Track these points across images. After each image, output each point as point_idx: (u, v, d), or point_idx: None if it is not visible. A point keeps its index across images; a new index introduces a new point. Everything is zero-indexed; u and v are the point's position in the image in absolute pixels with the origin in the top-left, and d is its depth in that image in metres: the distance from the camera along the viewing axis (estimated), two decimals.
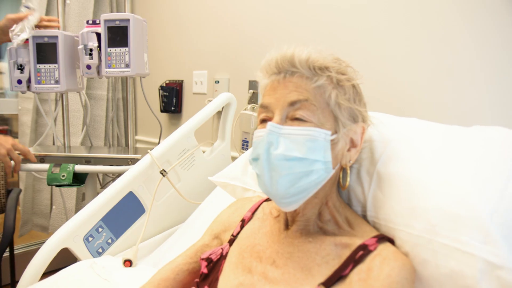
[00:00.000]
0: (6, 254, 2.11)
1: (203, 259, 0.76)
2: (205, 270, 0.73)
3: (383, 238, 0.67)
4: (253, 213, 0.81)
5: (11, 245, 1.98)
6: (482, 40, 1.07)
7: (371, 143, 0.81)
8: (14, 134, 2.80)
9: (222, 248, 0.76)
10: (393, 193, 0.72)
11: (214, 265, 0.74)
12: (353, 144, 0.70)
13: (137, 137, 2.53)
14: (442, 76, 1.15)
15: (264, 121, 0.68)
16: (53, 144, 2.11)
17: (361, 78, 0.70)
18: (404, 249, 0.68)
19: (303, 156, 0.62)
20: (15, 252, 2.20)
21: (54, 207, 2.29)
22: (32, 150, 1.62)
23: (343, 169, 0.72)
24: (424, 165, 0.72)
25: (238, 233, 0.78)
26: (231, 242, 0.77)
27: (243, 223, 0.79)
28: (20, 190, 2.12)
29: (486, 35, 1.06)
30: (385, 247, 0.65)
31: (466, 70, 1.10)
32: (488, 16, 1.05)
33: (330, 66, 0.66)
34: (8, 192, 2.01)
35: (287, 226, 0.72)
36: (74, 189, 2.20)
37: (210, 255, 0.76)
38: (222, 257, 0.75)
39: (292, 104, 0.64)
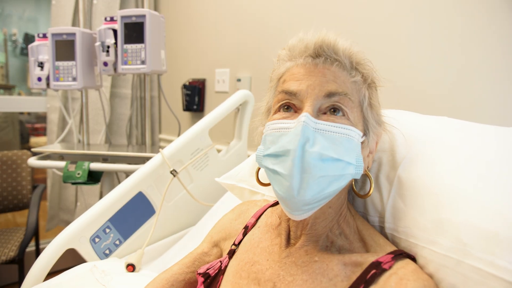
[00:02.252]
0: (32, 248, 2.17)
1: (200, 273, 0.68)
2: (201, 287, 0.66)
3: (401, 254, 0.57)
4: (257, 219, 0.72)
5: (37, 239, 2.04)
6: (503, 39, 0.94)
7: (392, 144, 0.70)
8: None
9: (221, 261, 0.69)
10: (416, 203, 0.62)
11: (212, 281, 0.67)
12: (370, 150, 0.62)
13: (161, 136, 2.52)
14: (467, 76, 1.01)
15: (286, 108, 0.59)
16: (79, 142, 2.14)
17: (384, 82, 0.63)
18: (427, 270, 0.58)
19: (338, 157, 0.53)
20: (41, 246, 2.26)
21: (78, 203, 2.33)
22: (53, 148, 1.64)
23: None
24: (454, 171, 0.61)
25: (240, 242, 0.70)
26: (231, 253, 0.69)
27: (246, 230, 0.71)
28: (45, 187, 2.18)
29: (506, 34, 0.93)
30: (403, 264, 0.55)
31: (493, 69, 0.97)
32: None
33: (366, 64, 0.60)
34: (34, 188, 2.07)
35: (288, 241, 0.63)
36: (97, 186, 2.22)
37: (207, 269, 0.68)
38: (220, 271, 0.67)
39: (330, 95, 0.56)
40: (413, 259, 0.59)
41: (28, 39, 3.58)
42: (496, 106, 0.99)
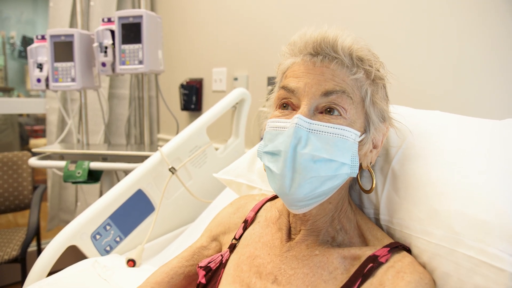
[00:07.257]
0: (34, 248, 2.19)
1: (201, 267, 0.69)
2: (203, 280, 0.67)
3: (397, 247, 0.59)
4: (256, 213, 0.74)
5: (38, 239, 2.05)
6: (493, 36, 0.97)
7: (386, 137, 0.71)
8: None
9: (221, 255, 0.70)
10: (409, 195, 0.63)
11: (213, 274, 0.68)
12: (374, 145, 0.63)
13: (159, 135, 2.53)
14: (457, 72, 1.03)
15: (285, 106, 0.60)
16: (78, 142, 2.15)
17: (391, 77, 0.63)
18: (421, 259, 0.59)
19: (331, 157, 0.54)
20: (43, 246, 2.27)
21: (78, 203, 2.34)
22: (53, 148, 1.65)
23: (360, 170, 0.65)
24: (446, 163, 0.63)
25: (240, 236, 0.71)
26: (231, 248, 0.70)
27: (246, 224, 0.73)
28: (46, 187, 2.19)
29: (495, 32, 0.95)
30: (399, 257, 0.56)
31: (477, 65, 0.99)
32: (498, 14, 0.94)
33: (369, 59, 0.59)
34: (35, 188, 2.08)
35: (289, 235, 0.65)
36: (97, 186, 2.23)
37: (209, 263, 0.69)
38: (222, 265, 0.68)
39: (327, 94, 0.56)
40: (409, 250, 0.61)
41: (26, 41, 3.59)
42: (488, 102, 1.01)
